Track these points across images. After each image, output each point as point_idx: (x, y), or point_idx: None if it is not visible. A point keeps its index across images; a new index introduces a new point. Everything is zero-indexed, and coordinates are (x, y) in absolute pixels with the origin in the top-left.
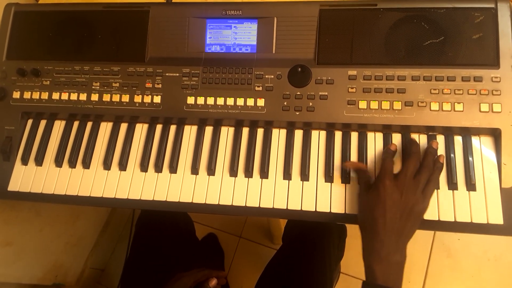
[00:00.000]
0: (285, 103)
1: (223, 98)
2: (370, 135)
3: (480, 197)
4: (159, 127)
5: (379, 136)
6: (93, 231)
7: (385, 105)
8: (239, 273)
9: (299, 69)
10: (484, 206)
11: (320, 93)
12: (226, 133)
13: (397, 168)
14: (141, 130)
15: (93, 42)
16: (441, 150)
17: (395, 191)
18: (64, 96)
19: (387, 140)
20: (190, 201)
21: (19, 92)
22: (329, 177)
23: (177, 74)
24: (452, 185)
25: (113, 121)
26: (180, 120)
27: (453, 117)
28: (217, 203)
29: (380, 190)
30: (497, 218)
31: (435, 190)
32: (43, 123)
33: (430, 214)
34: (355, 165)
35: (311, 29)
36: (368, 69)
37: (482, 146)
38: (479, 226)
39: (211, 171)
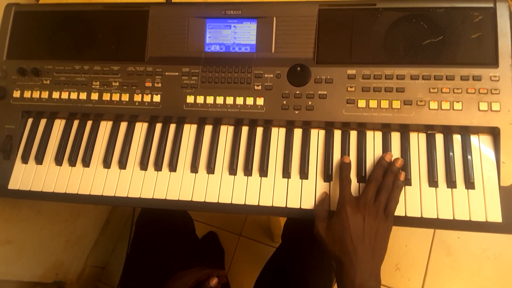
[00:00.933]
0: (284, 102)
1: (222, 97)
2: (369, 134)
3: (479, 195)
4: (158, 126)
5: (378, 135)
6: (93, 229)
7: (384, 104)
8: (239, 271)
9: (299, 68)
10: (483, 204)
11: (319, 92)
12: (226, 132)
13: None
14: (140, 129)
15: (93, 42)
16: (440, 149)
17: (357, 216)
18: (64, 95)
19: (386, 139)
20: (190, 199)
21: (19, 91)
22: (328, 176)
23: (177, 74)
24: (451, 183)
25: (113, 120)
26: (179, 119)
27: (452, 116)
28: (216, 201)
29: (343, 217)
30: (495, 216)
31: (401, 195)
32: (43, 122)
33: (428, 213)
34: (324, 196)
35: (310, 28)
36: (367, 68)
37: (481, 144)
38: (478, 224)
39: (210, 169)
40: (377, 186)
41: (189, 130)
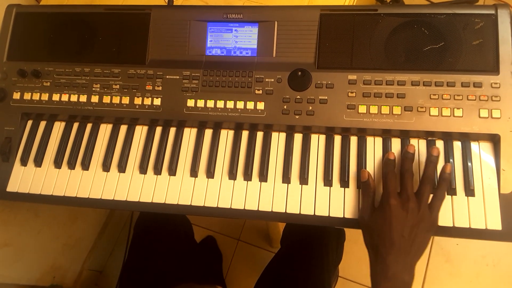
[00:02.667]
0: (285, 107)
1: (223, 101)
2: (370, 140)
3: (479, 203)
4: (158, 129)
5: (379, 140)
6: (91, 233)
7: (385, 109)
8: (237, 276)
9: (299, 73)
10: (483, 212)
11: (320, 97)
12: (226, 136)
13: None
14: (140, 132)
15: (94, 44)
16: (440, 156)
17: (400, 209)
18: (64, 97)
19: (386, 145)
20: (189, 203)
21: (19, 93)
22: (328, 181)
23: (178, 77)
24: (450, 190)
25: (113, 123)
26: (180, 122)
27: (452, 122)
28: (216, 206)
29: (386, 210)
30: (495, 223)
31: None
32: (42, 124)
33: None
34: (369, 179)
35: (312, 33)
36: (368, 74)
37: (481, 151)
38: (478, 232)
39: (210, 174)
40: (412, 179)
41: (189, 134)
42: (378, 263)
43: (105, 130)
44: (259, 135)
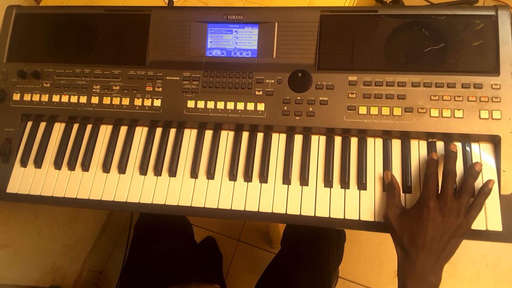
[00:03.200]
0: (285, 108)
1: (223, 102)
2: (370, 141)
3: None
4: (159, 131)
5: (379, 141)
6: (91, 233)
7: (385, 111)
8: (237, 277)
9: (300, 74)
10: (483, 213)
11: (320, 98)
12: (226, 137)
13: (397, 176)
14: (140, 133)
15: (94, 45)
16: (440, 157)
17: (438, 213)
18: (64, 98)
19: (387, 146)
20: (189, 204)
21: (19, 94)
22: (328, 182)
23: (178, 78)
24: None
25: (113, 124)
26: (180, 123)
27: (453, 123)
28: (216, 207)
29: (423, 211)
30: (496, 224)
31: None
32: (42, 125)
33: None
34: (393, 179)
35: (312, 34)
36: (369, 75)
37: (481, 152)
38: (478, 233)
39: (210, 175)
40: (455, 180)
41: (190, 135)
42: (407, 262)
43: (105, 131)
44: (260, 136)
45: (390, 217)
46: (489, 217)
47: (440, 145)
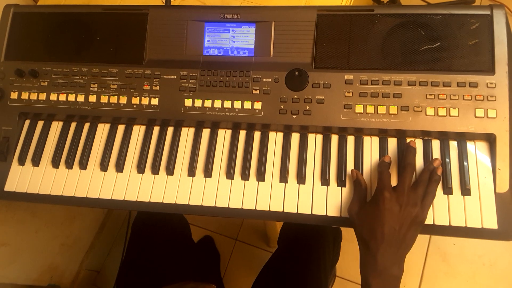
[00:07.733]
0: (282, 107)
1: (220, 101)
2: (366, 139)
3: (475, 202)
4: (156, 129)
5: (375, 140)
6: (89, 232)
7: (381, 109)
8: (235, 275)
9: (297, 73)
10: (479, 211)
11: (317, 97)
12: (223, 136)
13: (393, 177)
14: (138, 131)
15: (91, 44)
16: (436, 155)
17: (394, 203)
18: (62, 97)
19: (383, 144)
20: (187, 203)
21: (17, 93)
22: (325, 180)
23: (175, 77)
24: (447, 189)
25: (111, 122)
26: (177, 122)
27: (448, 122)
28: (213, 205)
29: (379, 203)
30: (491, 222)
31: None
32: (40, 123)
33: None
34: (358, 176)
35: (309, 33)
36: (365, 74)
37: (477, 151)
38: (474, 231)
39: (207, 173)
40: (413, 172)
41: (187, 134)
42: (368, 255)
43: (102, 129)
44: (257, 134)
45: (352, 212)
46: (484, 215)
47: (435, 143)
